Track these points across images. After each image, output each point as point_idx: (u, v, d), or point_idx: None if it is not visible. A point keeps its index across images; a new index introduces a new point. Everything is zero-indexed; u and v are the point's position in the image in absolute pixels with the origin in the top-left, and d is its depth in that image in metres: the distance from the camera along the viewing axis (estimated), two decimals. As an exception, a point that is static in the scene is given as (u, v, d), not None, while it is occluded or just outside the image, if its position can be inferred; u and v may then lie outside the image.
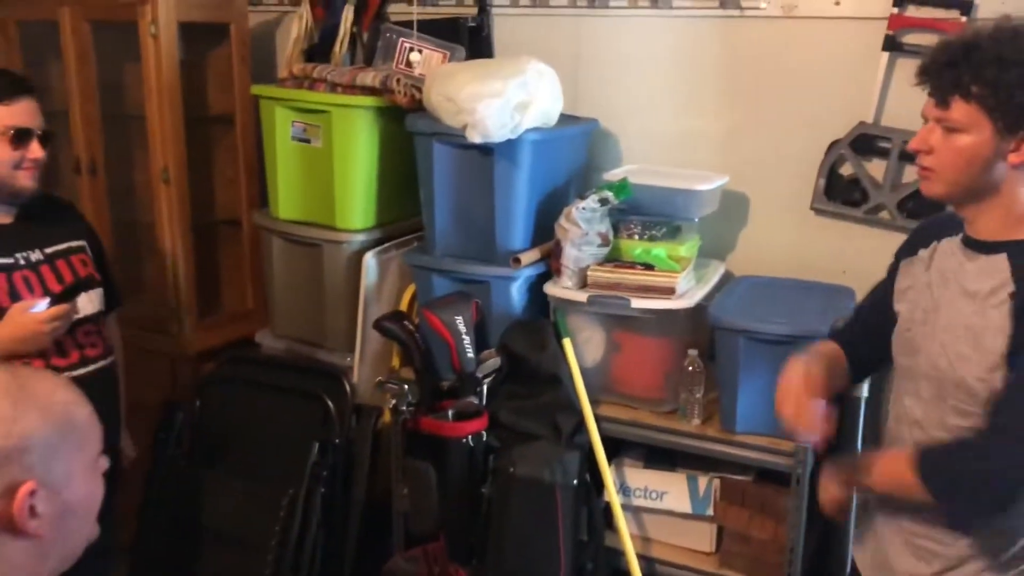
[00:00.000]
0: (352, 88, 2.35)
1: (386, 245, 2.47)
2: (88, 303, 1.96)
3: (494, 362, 2.21)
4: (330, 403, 2.35)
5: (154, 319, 2.74)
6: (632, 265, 2.19)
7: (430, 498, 2.18)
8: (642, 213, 2.27)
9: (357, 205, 2.41)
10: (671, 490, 2.16)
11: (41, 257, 1.93)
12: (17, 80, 1.91)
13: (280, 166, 2.45)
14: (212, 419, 2.49)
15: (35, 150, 1.87)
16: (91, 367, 1.96)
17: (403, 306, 2.46)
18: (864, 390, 2.10)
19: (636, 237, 2.24)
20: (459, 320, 2.18)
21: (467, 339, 2.18)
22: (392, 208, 2.50)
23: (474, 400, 2.17)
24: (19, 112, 1.85)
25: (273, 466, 2.37)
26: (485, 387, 2.20)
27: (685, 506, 2.15)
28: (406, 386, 2.23)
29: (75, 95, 2.73)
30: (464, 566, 2.18)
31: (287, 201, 2.48)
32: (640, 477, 2.20)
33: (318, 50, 2.68)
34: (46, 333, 1.80)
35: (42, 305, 1.79)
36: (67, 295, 1.86)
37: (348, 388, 2.39)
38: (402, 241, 2.51)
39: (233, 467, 2.43)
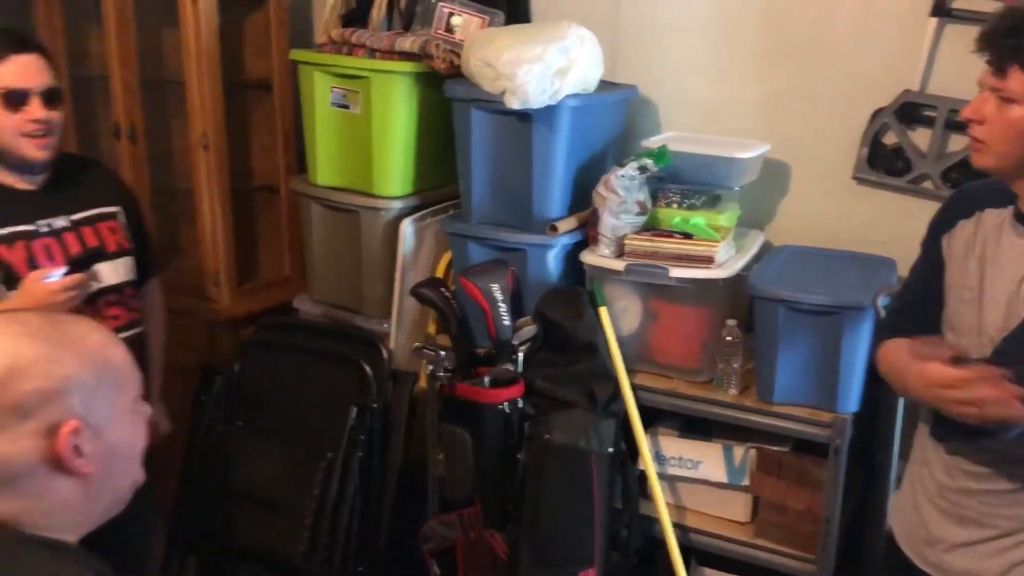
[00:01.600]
0: (391, 53, 2.34)
1: (423, 212, 2.47)
2: (112, 273, 1.92)
3: (530, 330, 2.22)
4: (367, 368, 2.36)
5: (193, 284, 2.77)
6: (670, 234, 2.17)
7: (465, 463, 2.20)
8: (681, 181, 2.25)
9: (395, 172, 2.41)
10: (706, 460, 2.16)
11: (67, 224, 1.88)
12: (9, 37, 1.77)
13: (319, 132, 2.45)
14: (251, 383, 2.52)
15: (34, 111, 1.74)
16: (122, 335, 1.89)
17: (439, 273, 2.46)
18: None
19: (675, 206, 2.22)
20: (495, 288, 2.18)
21: (503, 306, 2.18)
22: (429, 175, 2.50)
23: (510, 367, 2.18)
24: (10, 72, 1.72)
25: (311, 430, 2.39)
26: (521, 355, 2.20)
27: (721, 476, 2.15)
28: (442, 352, 2.24)
29: (115, 60, 2.74)
30: (499, 531, 2.20)
31: (325, 167, 2.48)
32: (675, 446, 2.20)
33: (355, 15, 2.66)
34: (60, 303, 1.70)
35: (58, 274, 1.73)
36: (83, 264, 1.79)
37: (385, 354, 2.41)
38: (439, 208, 2.51)
39: (271, 430, 2.46)
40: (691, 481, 2.19)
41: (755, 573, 2.13)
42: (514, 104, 2.09)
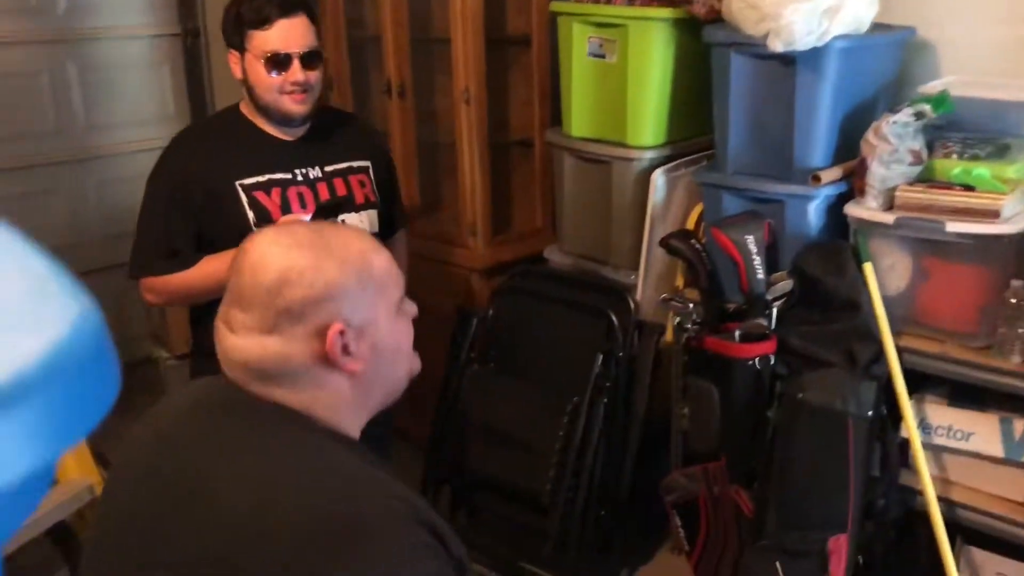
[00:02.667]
0: (650, 1, 2.32)
1: (675, 163, 2.43)
2: (357, 223, 1.98)
3: (785, 284, 2.13)
4: (614, 318, 2.38)
5: (452, 234, 2.93)
6: (948, 186, 2.00)
7: (712, 418, 2.17)
8: (963, 130, 2.06)
9: (649, 121, 2.39)
10: (980, 431, 1.98)
11: (320, 174, 1.96)
12: (273, 2, 1.84)
13: (575, 83, 2.48)
14: (503, 327, 2.62)
15: (295, 73, 1.84)
16: None
17: (690, 225, 2.43)
18: None
19: (955, 156, 2.04)
20: (750, 240, 2.11)
21: (757, 259, 2.11)
22: (683, 125, 2.46)
23: (762, 322, 2.11)
24: (275, 36, 1.82)
25: (558, 375, 2.46)
26: (775, 310, 2.12)
27: (996, 450, 1.96)
28: (691, 305, 2.21)
29: (387, 22, 2.92)
30: (745, 488, 2.15)
31: (580, 119, 2.51)
32: (944, 415, 2.04)
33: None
34: None
35: (306, 219, 1.82)
36: (331, 211, 1.87)
37: (632, 304, 2.41)
38: (691, 159, 2.46)
39: (520, 373, 2.55)
40: (960, 453, 2.02)
41: (1032, 559, 1.95)
42: (778, 47, 2.00)
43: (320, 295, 0.98)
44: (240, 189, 1.89)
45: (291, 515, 0.89)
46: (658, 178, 2.38)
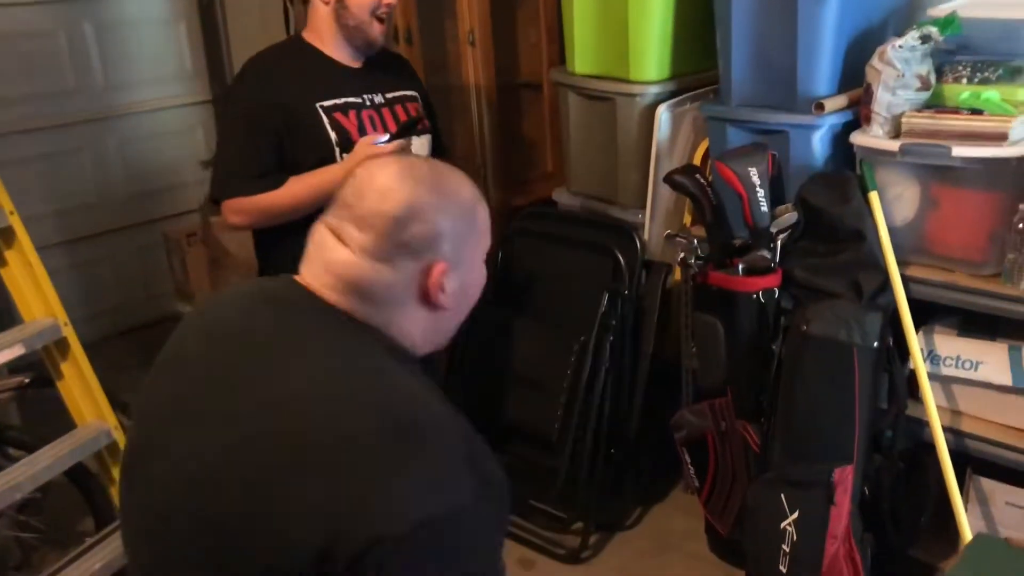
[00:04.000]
0: (649, -69, 2.27)
1: (680, 98, 2.40)
2: (420, 148, 2.09)
3: (790, 216, 2.10)
4: (620, 257, 2.38)
5: (462, 178, 2.92)
6: (956, 111, 1.94)
7: (717, 353, 2.16)
8: (974, 53, 1.99)
9: (651, 55, 2.36)
10: (988, 360, 1.95)
11: (383, 100, 2.08)
12: None
13: (577, 19, 2.45)
14: (513, 269, 2.63)
15: None
16: None
17: (696, 161, 2.40)
18: None
19: (964, 80, 1.98)
20: (753, 172, 2.08)
21: (761, 192, 2.08)
22: (687, 59, 2.42)
23: (766, 255, 2.09)
24: None
25: (567, 314, 2.47)
26: (779, 243, 2.10)
27: (1005, 378, 1.93)
28: (695, 240, 2.19)
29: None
30: (751, 423, 2.15)
31: (583, 55, 2.49)
32: (952, 345, 2.01)
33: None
34: None
35: (383, 139, 1.95)
36: (404, 131, 2.00)
37: (638, 243, 2.40)
38: (696, 94, 2.43)
39: (530, 312, 2.57)
40: (969, 383, 1.99)
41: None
42: (777, -29, 1.95)
43: (439, 234, 1.02)
44: (320, 111, 1.98)
45: (358, 406, 0.94)
46: (662, 113, 2.35)
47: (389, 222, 1.01)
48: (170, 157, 4.00)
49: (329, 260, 1.03)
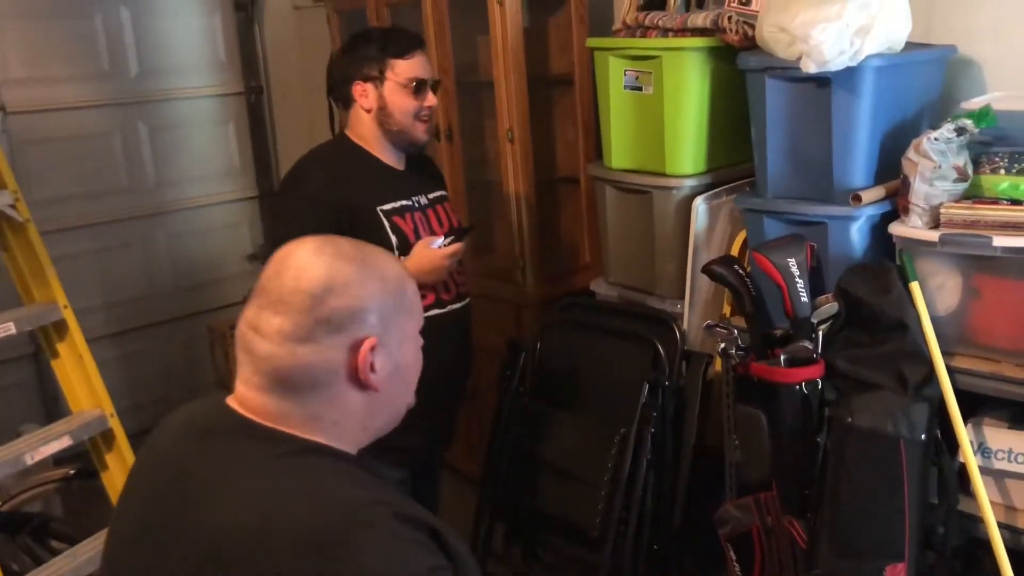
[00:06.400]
0: (683, 31, 2.34)
1: (716, 190, 2.43)
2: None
3: (831, 307, 2.09)
4: (660, 347, 2.37)
5: (502, 270, 2.96)
6: (995, 201, 1.95)
7: (761, 445, 2.13)
8: (1010, 144, 2.01)
9: (687, 150, 2.40)
10: (1042, 454, 1.90)
11: (427, 202, 2.15)
12: (412, 36, 2.12)
13: (613, 116, 2.51)
14: (551, 359, 2.63)
15: (431, 99, 2.08)
16: (462, 302, 2.19)
17: (735, 252, 2.41)
18: None
19: (1001, 171, 1.99)
20: (792, 263, 2.09)
21: (800, 283, 2.08)
22: (722, 153, 2.46)
23: (808, 346, 2.07)
24: (417, 65, 2.06)
25: (606, 406, 2.45)
26: (821, 333, 2.09)
27: (1061, 473, 1.88)
28: (736, 330, 2.18)
29: (436, 68, 3.01)
30: (798, 518, 2.10)
31: (619, 151, 2.54)
32: (1003, 438, 1.96)
33: (655, 2, 2.70)
34: (446, 268, 2.01)
35: (440, 241, 2.00)
36: (459, 235, 2.07)
37: (678, 333, 2.40)
38: (733, 187, 2.46)
39: (570, 404, 2.55)
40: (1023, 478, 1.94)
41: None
42: (810, 68, 1.99)
43: (362, 308, 1.00)
44: (381, 214, 2.05)
45: (286, 533, 0.91)
46: (699, 205, 2.38)
47: (306, 298, 0.98)
48: (217, 251, 4.12)
49: (254, 358, 1.00)
